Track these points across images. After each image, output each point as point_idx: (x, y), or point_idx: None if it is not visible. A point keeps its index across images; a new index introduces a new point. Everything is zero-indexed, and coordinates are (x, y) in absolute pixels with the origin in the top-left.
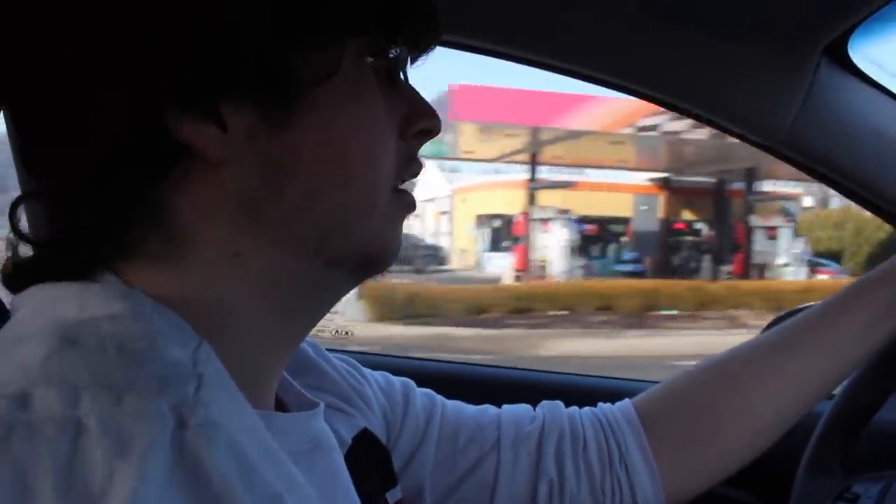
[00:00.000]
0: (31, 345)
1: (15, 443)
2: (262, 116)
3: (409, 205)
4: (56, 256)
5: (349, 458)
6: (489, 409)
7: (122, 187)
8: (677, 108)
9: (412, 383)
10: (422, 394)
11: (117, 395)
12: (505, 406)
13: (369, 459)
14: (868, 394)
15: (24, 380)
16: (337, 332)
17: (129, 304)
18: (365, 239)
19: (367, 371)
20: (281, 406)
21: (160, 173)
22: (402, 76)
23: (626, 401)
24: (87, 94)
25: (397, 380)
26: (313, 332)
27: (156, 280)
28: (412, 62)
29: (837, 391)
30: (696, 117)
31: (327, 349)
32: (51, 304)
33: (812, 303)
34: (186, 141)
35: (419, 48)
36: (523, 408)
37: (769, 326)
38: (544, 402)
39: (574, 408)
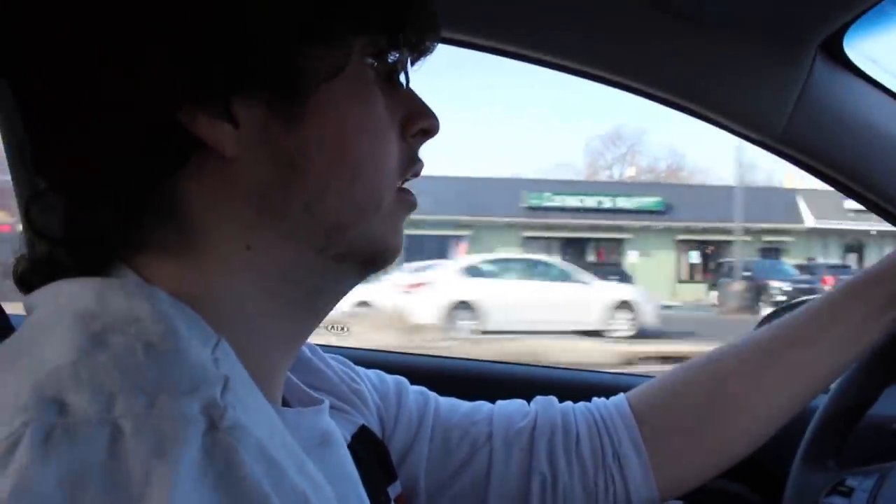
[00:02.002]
0: (56, 345)
1: (55, 446)
2: (273, 113)
3: (410, 204)
4: (73, 252)
5: (350, 455)
6: (482, 405)
7: (136, 182)
8: (674, 104)
9: (405, 381)
10: (415, 391)
11: (150, 397)
12: (498, 402)
13: (369, 456)
14: (862, 390)
15: (58, 384)
16: (332, 327)
17: (151, 303)
18: (370, 235)
19: (361, 370)
20: (284, 403)
21: (174, 168)
22: (401, 78)
23: (621, 395)
24: (102, 92)
25: (391, 378)
26: None
27: (170, 274)
28: (412, 64)
29: (832, 386)
30: (693, 114)
31: (321, 345)
32: (72, 301)
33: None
34: (201, 137)
35: (419, 51)
36: (516, 404)
37: (765, 320)
38: (538, 398)
39: (567, 403)
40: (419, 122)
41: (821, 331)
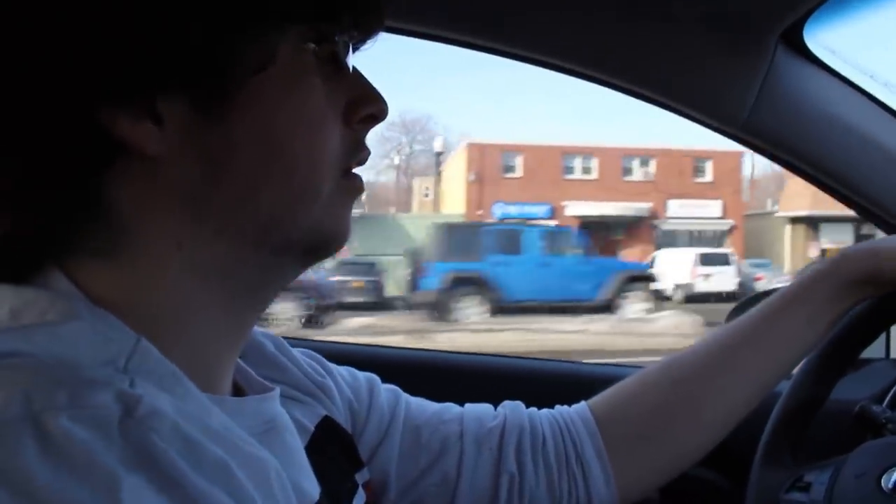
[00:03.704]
0: None
1: None
2: (197, 109)
3: (356, 189)
4: (4, 252)
5: (313, 443)
6: (452, 406)
7: (61, 185)
8: (638, 94)
9: (377, 379)
10: (386, 389)
11: (66, 391)
12: (467, 405)
13: (334, 444)
14: (813, 388)
15: None
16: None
17: (64, 311)
18: (311, 225)
19: (332, 366)
20: (241, 393)
21: (99, 170)
22: (346, 62)
23: (583, 403)
24: (20, 93)
25: (362, 375)
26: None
27: (103, 276)
28: (356, 47)
29: (787, 384)
30: (658, 103)
31: (291, 338)
32: None
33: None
34: (122, 138)
35: (361, 34)
36: (485, 406)
37: (733, 313)
38: (506, 402)
39: (533, 408)
40: (365, 107)
41: (767, 334)
